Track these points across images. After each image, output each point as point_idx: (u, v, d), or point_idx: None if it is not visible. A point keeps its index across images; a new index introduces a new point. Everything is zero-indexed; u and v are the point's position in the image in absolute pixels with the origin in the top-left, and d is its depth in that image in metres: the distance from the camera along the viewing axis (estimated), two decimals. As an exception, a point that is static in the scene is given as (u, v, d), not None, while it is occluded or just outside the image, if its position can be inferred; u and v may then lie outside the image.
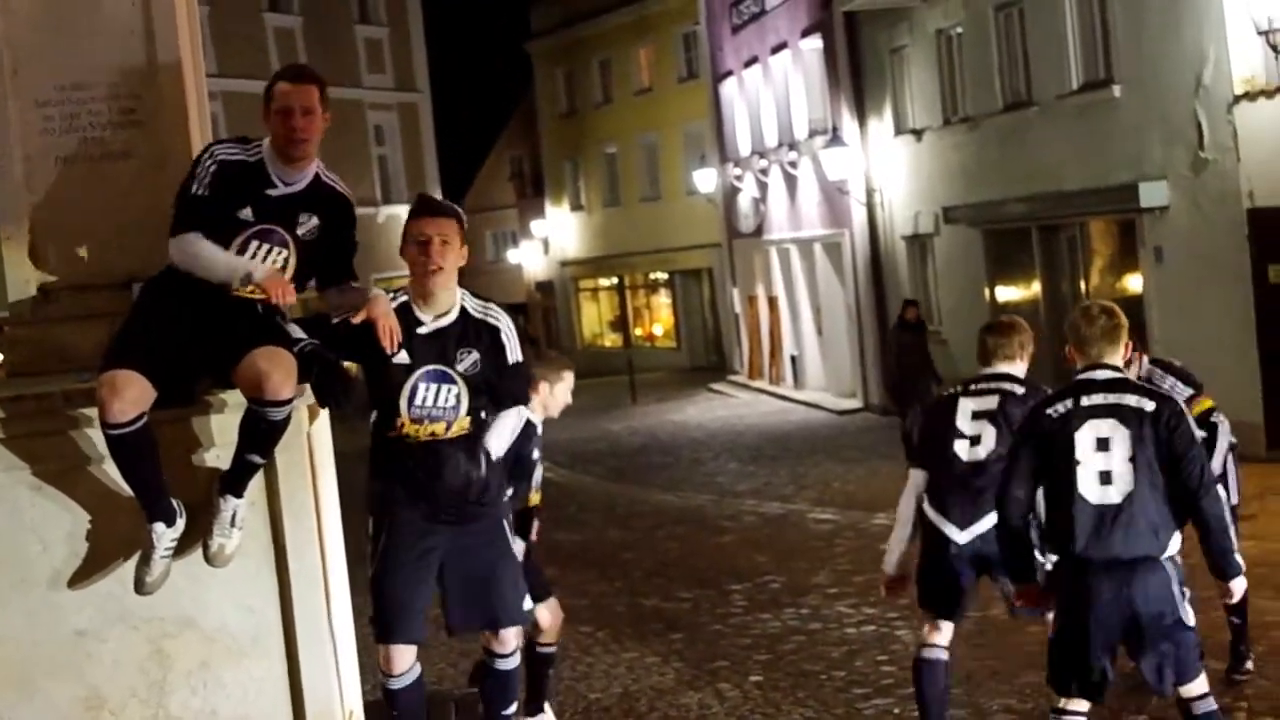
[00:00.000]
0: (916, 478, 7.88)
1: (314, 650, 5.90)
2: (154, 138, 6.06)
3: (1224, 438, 8.79)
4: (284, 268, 5.67)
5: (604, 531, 16.97)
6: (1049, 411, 6.39)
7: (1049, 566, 6.71)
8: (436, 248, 6.14)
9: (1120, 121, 19.91)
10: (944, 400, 8.04)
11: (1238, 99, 17.40)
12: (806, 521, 16.56)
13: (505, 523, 6.60)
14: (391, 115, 40.16)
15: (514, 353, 6.39)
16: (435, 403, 6.20)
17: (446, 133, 44.97)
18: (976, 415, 7.72)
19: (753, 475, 21.33)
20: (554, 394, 8.24)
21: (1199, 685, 6.41)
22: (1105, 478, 6.23)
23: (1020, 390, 7.69)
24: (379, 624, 6.37)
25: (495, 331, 6.35)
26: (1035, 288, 23.30)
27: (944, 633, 7.76)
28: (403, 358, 6.14)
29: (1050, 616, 6.87)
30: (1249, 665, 9.05)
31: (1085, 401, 6.33)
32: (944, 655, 7.75)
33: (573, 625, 11.19)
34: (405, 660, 6.38)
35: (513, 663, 6.73)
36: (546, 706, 8.63)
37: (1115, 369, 6.48)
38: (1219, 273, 18.07)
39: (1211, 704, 6.43)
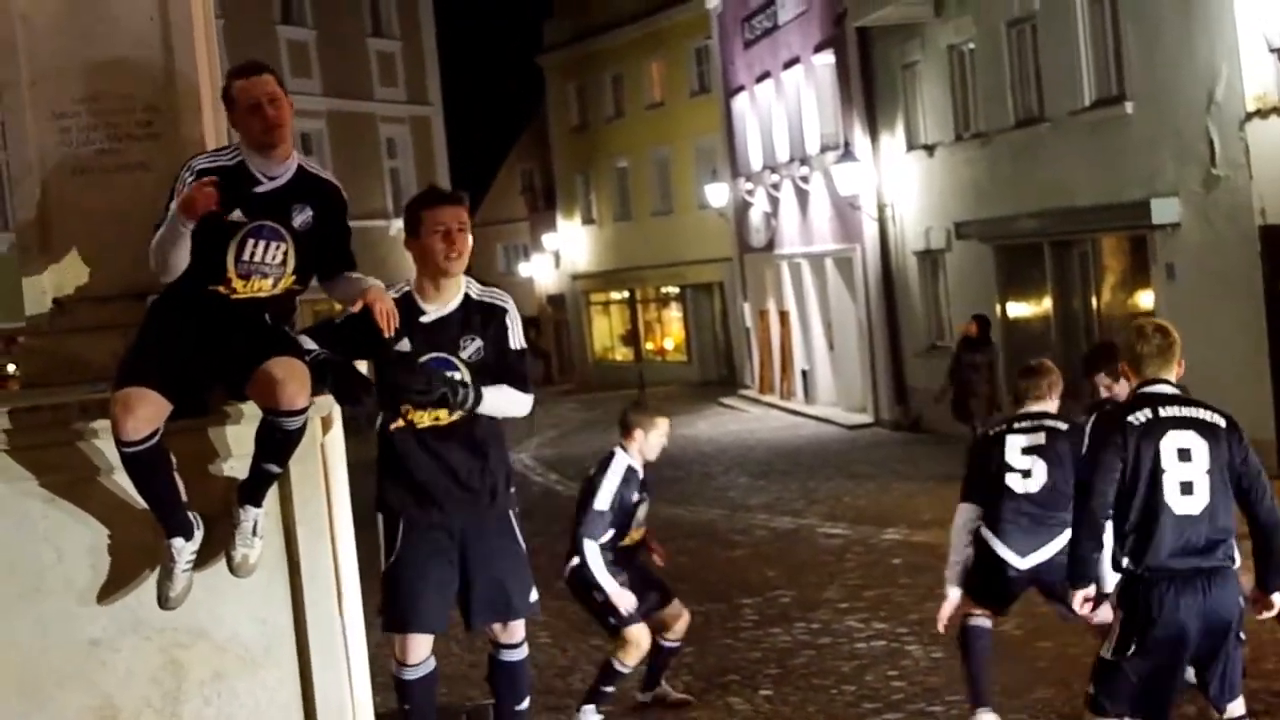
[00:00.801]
0: (969, 513, 8.25)
1: (327, 661, 5.91)
2: (171, 150, 6.07)
3: None
4: (284, 261, 5.68)
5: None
6: (1130, 419, 6.41)
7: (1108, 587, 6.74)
8: (459, 235, 6.26)
9: (1132, 138, 19.91)
10: (990, 438, 8.55)
11: (1250, 116, 17.39)
12: (817, 536, 16.56)
13: (512, 516, 6.64)
14: (404, 128, 40.22)
15: (517, 339, 6.46)
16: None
17: (458, 146, 45.02)
18: (1026, 450, 8.29)
19: (763, 490, 21.32)
20: (649, 441, 9.35)
21: (1240, 705, 6.45)
22: (1187, 488, 6.30)
23: (1064, 426, 8.30)
24: (395, 614, 6.44)
25: (502, 314, 6.43)
26: (1047, 304, 23.29)
27: (988, 616, 8.41)
28: (404, 346, 6.20)
29: (1097, 621, 7.11)
30: None
31: (1163, 412, 6.39)
32: (989, 624, 8.40)
33: (584, 637, 11.22)
34: (421, 650, 6.46)
35: (520, 653, 6.77)
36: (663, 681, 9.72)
37: (1173, 385, 6.56)
38: (1231, 289, 18.05)
39: None
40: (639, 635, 9.16)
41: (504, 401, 6.44)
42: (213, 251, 5.56)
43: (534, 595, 6.71)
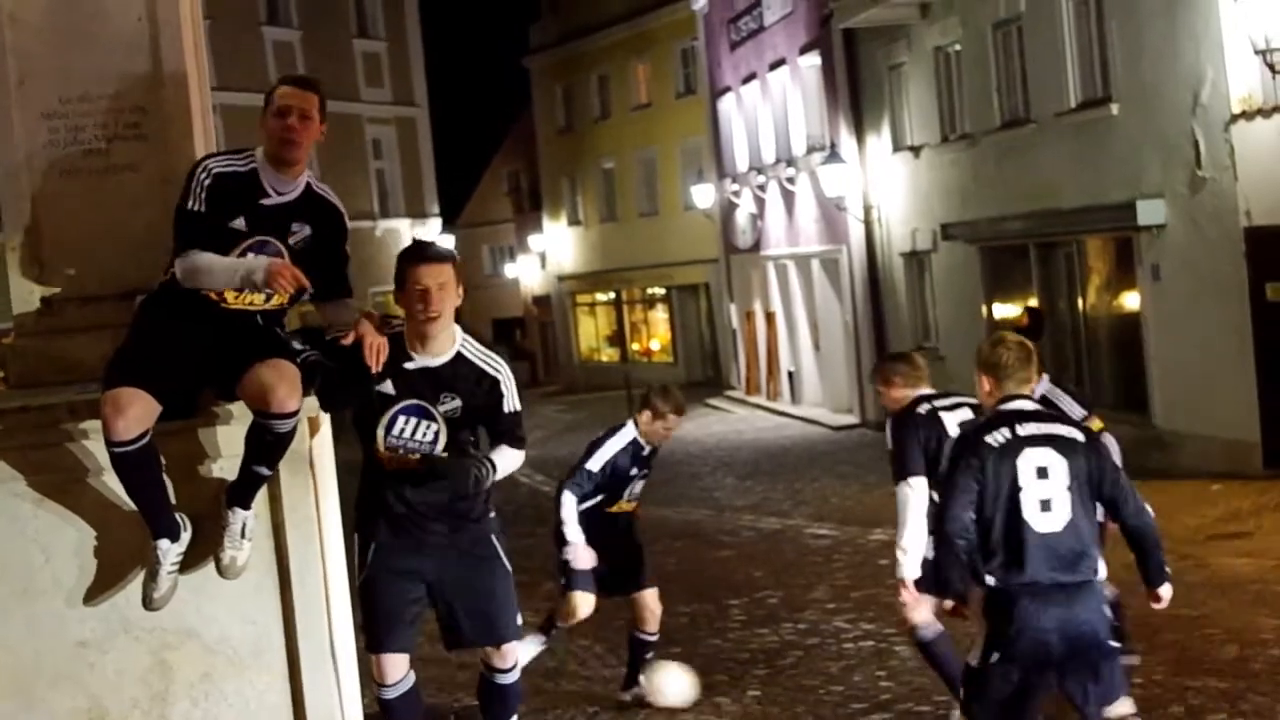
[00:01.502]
0: (922, 486, 8.08)
1: (315, 662, 5.92)
2: (159, 151, 6.08)
3: (1115, 457, 8.94)
4: None
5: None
6: (989, 440, 6.42)
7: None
8: (434, 295, 6.11)
9: (1118, 139, 19.96)
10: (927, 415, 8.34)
11: (1235, 118, 17.44)
12: (804, 537, 16.57)
13: (494, 539, 6.58)
14: (389, 129, 40.22)
15: (512, 403, 6.40)
16: (413, 436, 6.22)
17: (444, 147, 45.02)
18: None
19: (750, 490, 21.34)
20: (652, 425, 9.31)
21: (1126, 704, 6.50)
22: (1046, 505, 6.32)
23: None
24: (368, 634, 6.41)
25: (495, 382, 6.35)
26: (1032, 305, 23.32)
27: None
28: (387, 388, 6.16)
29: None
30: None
31: (1021, 431, 6.41)
32: (939, 625, 8.28)
33: (571, 638, 11.20)
34: (397, 669, 6.41)
35: (512, 677, 6.74)
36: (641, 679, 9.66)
37: (1030, 399, 6.60)
38: (1216, 291, 18.11)
39: None
40: (580, 602, 9.35)
41: (508, 463, 6.48)
42: None
43: (519, 619, 6.68)
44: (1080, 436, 6.45)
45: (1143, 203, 19.23)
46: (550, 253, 53.33)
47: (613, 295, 51.75)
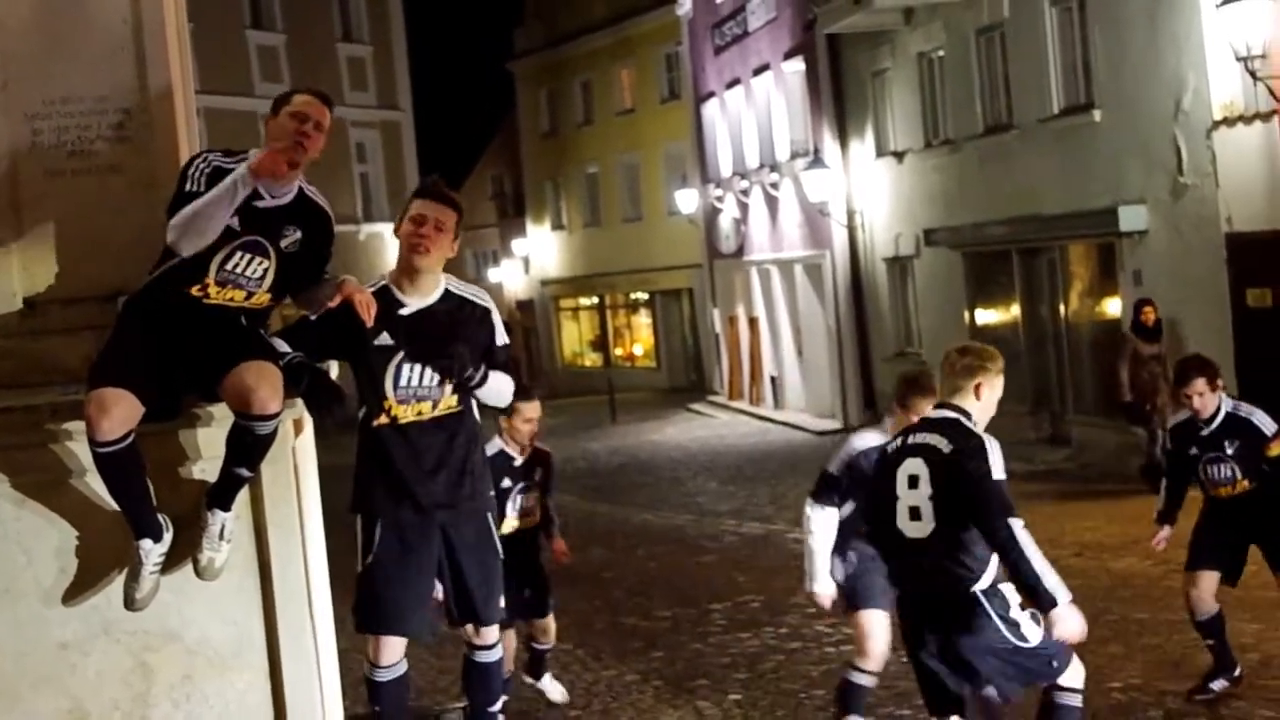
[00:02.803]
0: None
1: (297, 663, 5.92)
2: (143, 153, 6.08)
3: None
4: (263, 277, 5.70)
5: (584, 550, 16.93)
6: (888, 447, 6.70)
7: None
8: (429, 228, 6.26)
9: (1100, 146, 20.04)
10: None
11: (1216, 124, 17.53)
12: (786, 542, 16.57)
13: (490, 519, 6.67)
14: (373, 133, 40.21)
15: (500, 335, 6.55)
16: (421, 382, 6.31)
17: (428, 151, 45.05)
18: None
19: (732, 495, 21.36)
20: (515, 426, 8.89)
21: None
22: (915, 513, 6.41)
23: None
24: (368, 614, 6.46)
25: (486, 312, 6.49)
26: (1015, 310, 23.42)
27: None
28: (385, 339, 6.23)
29: None
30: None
31: (911, 440, 6.53)
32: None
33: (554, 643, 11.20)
34: (394, 652, 6.49)
35: (494, 655, 6.86)
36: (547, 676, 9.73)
37: (956, 409, 6.52)
38: (1197, 296, 18.18)
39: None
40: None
41: (500, 385, 6.55)
42: (200, 254, 5.56)
43: (501, 601, 6.77)
44: (946, 448, 6.37)
45: (1125, 209, 19.31)
46: (534, 257, 53.36)
47: (596, 300, 51.79)
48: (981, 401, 6.54)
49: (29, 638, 5.74)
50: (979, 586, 6.36)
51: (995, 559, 6.29)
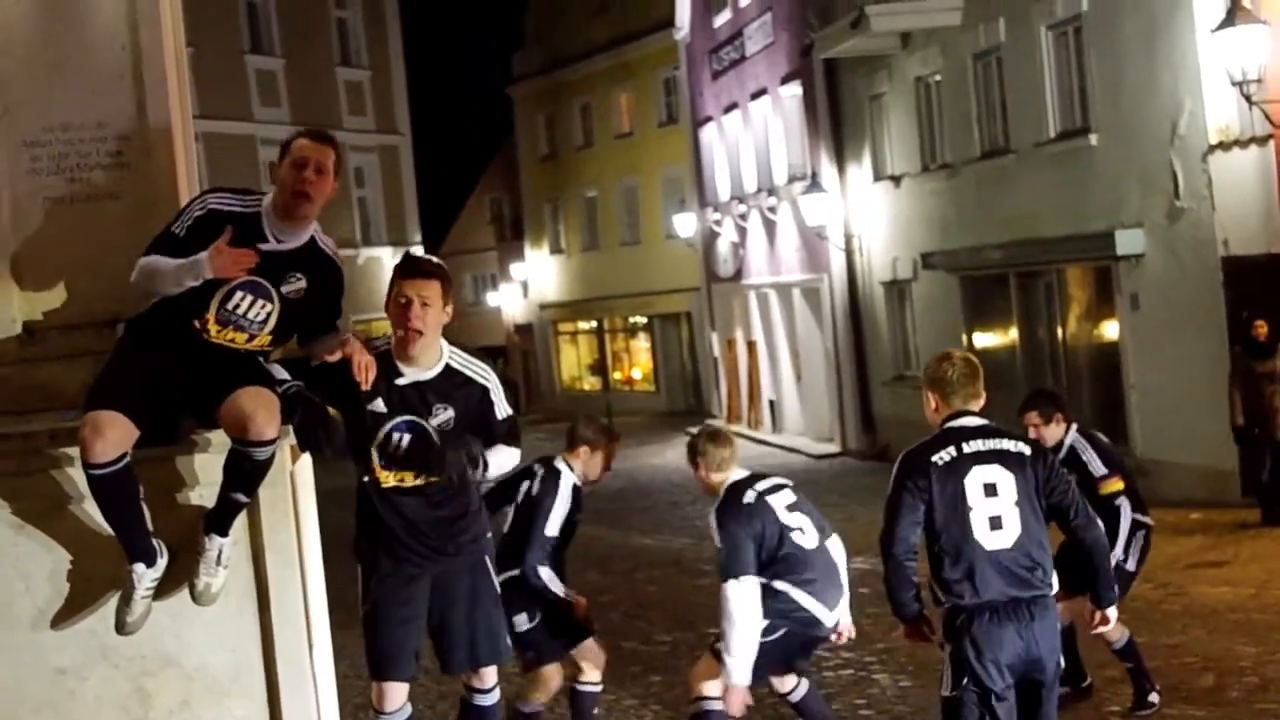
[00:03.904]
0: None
1: (295, 689, 5.91)
2: (142, 180, 6.09)
3: (1125, 525, 9.00)
4: (265, 321, 5.69)
5: (583, 574, 16.86)
6: (934, 459, 6.40)
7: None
8: (416, 310, 6.20)
9: (1097, 170, 20.08)
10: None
11: (1213, 148, 17.58)
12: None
13: (488, 561, 6.67)
14: (372, 157, 40.29)
15: (502, 409, 6.50)
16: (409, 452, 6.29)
17: (427, 175, 45.12)
18: (790, 508, 8.30)
19: (731, 519, 21.30)
20: (594, 460, 8.61)
21: None
22: (996, 523, 6.32)
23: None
24: (373, 661, 6.47)
25: (484, 390, 6.44)
26: (1012, 334, 23.43)
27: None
28: (379, 406, 6.23)
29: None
30: (1153, 698, 9.22)
31: (967, 448, 6.39)
32: None
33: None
34: (398, 698, 6.51)
35: (492, 698, 6.81)
36: None
37: (976, 415, 6.54)
38: (1194, 319, 18.21)
39: None
40: (555, 675, 8.84)
41: (502, 460, 6.55)
42: (201, 291, 5.56)
43: (506, 642, 6.75)
44: (1027, 450, 6.43)
45: (1121, 232, 19.35)
46: (532, 281, 53.39)
47: (595, 324, 51.80)
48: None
49: (27, 663, 5.73)
50: (1053, 591, 6.44)
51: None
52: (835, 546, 8.20)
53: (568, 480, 8.50)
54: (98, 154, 6.09)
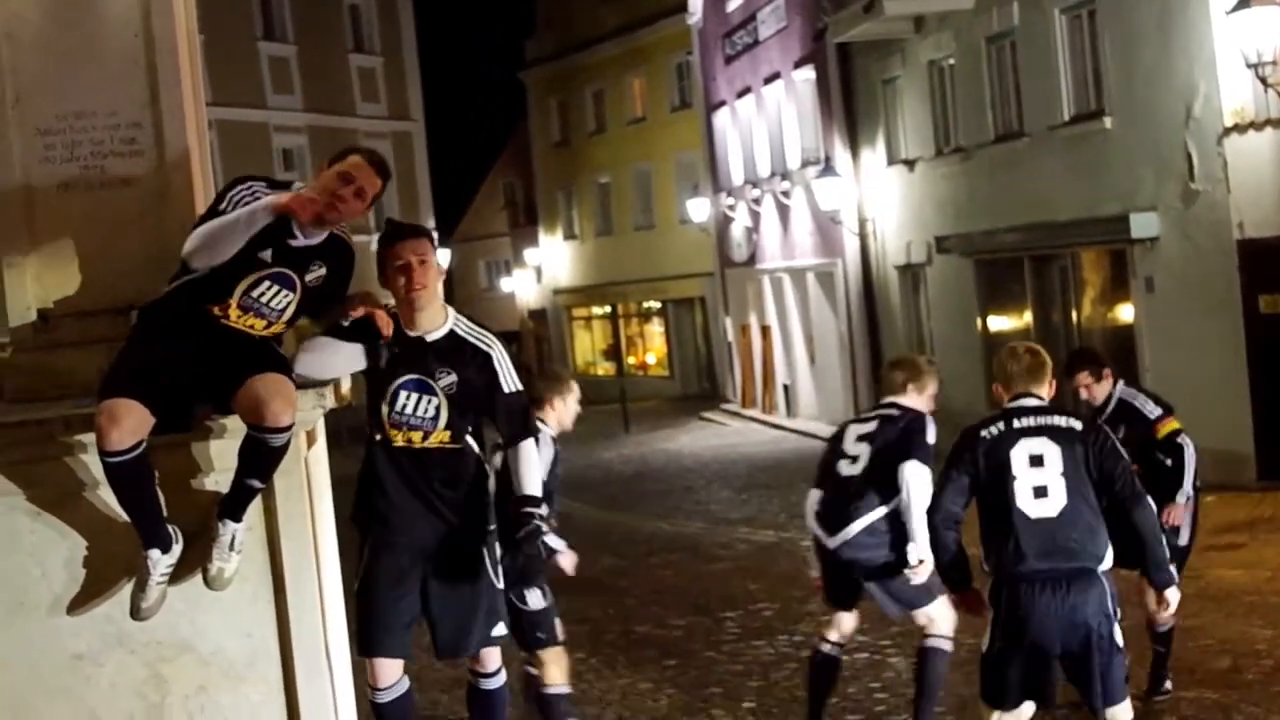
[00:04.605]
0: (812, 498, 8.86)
1: (311, 674, 5.92)
2: (155, 166, 6.09)
3: (1190, 460, 9.08)
4: (285, 309, 5.76)
5: (598, 559, 16.95)
6: (983, 434, 6.67)
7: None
8: (417, 269, 6.23)
9: (1111, 153, 20.02)
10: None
11: (1228, 131, 17.52)
12: (799, 549, 16.50)
13: (486, 551, 6.61)
14: (385, 144, 40.20)
15: (509, 382, 6.42)
16: (415, 411, 6.28)
17: (440, 161, 45.19)
18: (860, 438, 8.49)
19: (745, 503, 21.37)
20: (567, 407, 8.57)
21: (1126, 710, 6.58)
22: (1041, 492, 6.48)
23: (896, 413, 8.44)
24: (361, 638, 6.45)
25: (487, 358, 6.40)
26: (1027, 317, 23.39)
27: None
28: (384, 362, 6.25)
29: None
30: (1168, 685, 9.29)
31: (1017, 424, 6.62)
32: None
33: (567, 651, 11.22)
34: (391, 673, 6.44)
35: (496, 682, 6.77)
36: None
37: (1040, 399, 6.78)
38: (1210, 303, 18.16)
39: None
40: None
41: (533, 467, 6.56)
42: (227, 275, 5.60)
43: (501, 629, 6.70)
44: (1078, 425, 6.61)
45: (1136, 215, 19.29)
46: (546, 266, 53.42)
47: (609, 309, 51.82)
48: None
49: (43, 650, 5.75)
50: (1103, 567, 6.56)
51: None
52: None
53: (546, 433, 8.30)
54: (111, 141, 6.09)
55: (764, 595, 13.82)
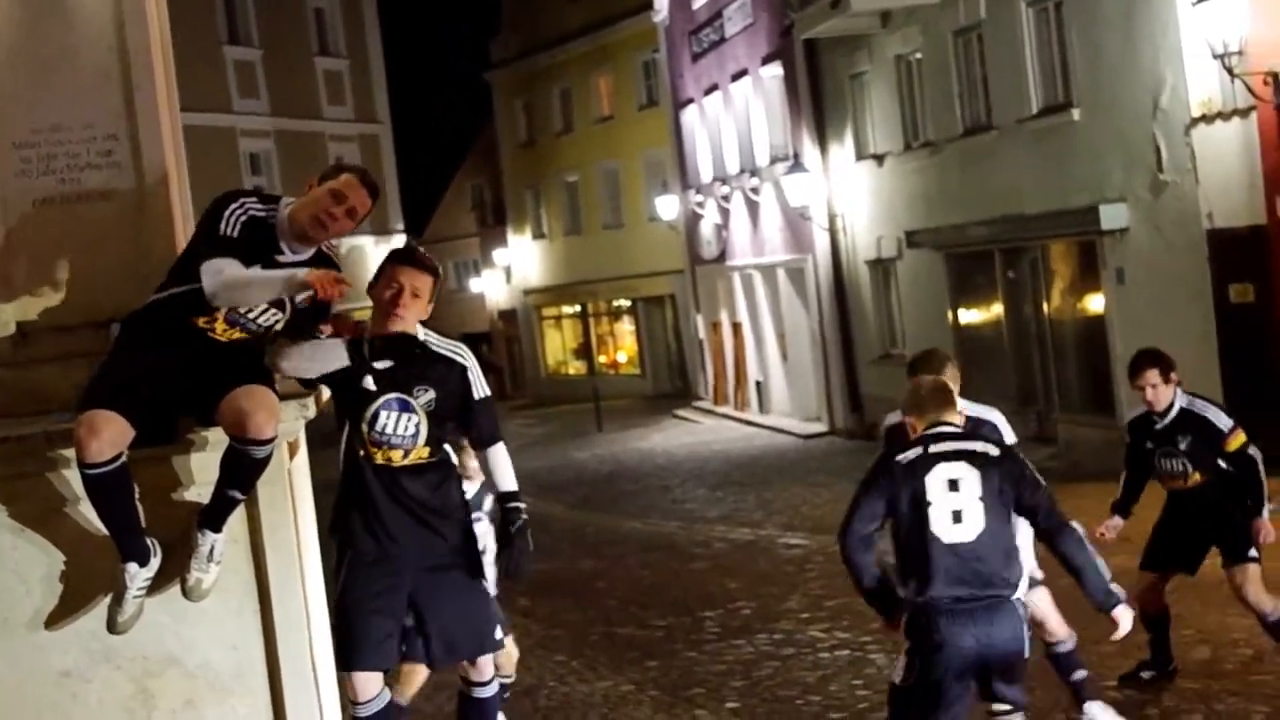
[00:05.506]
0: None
1: (298, 686, 5.91)
2: (132, 178, 6.07)
3: (1262, 467, 8.97)
4: (272, 326, 5.77)
5: (575, 560, 16.99)
6: (899, 458, 6.58)
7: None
8: (406, 299, 6.23)
9: (1080, 145, 20.10)
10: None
11: (1195, 122, 17.60)
12: (776, 547, 16.63)
13: (470, 547, 6.60)
14: (352, 146, 40.17)
15: (480, 389, 6.47)
16: (395, 430, 6.27)
17: (407, 163, 45.08)
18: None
19: (721, 501, 21.39)
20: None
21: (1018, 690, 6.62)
22: (957, 517, 6.43)
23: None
24: (341, 651, 6.42)
25: (463, 370, 6.42)
26: (998, 310, 23.47)
27: None
28: (369, 384, 6.23)
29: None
30: (1145, 675, 9.38)
31: (934, 449, 6.55)
32: None
33: (548, 654, 11.25)
34: (371, 687, 6.40)
35: (491, 690, 6.77)
36: None
37: (955, 425, 6.73)
38: (1180, 293, 18.25)
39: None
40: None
41: (506, 468, 6.60)
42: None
43: (499, 633, 6.73)
44: (994, 450, 6.57)
45: (1105, 207, 19.38)
46: (515, 266, 53.36)
47: (579, 308, 51.79)
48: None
49: (29, 667, 5.73)
50: (1017, 594, 6.52)
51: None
52: None
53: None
54: (87, 154, 6.07)
55: (743, 594, 13.84)
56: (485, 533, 8.36)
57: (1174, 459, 9.05)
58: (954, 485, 6.43)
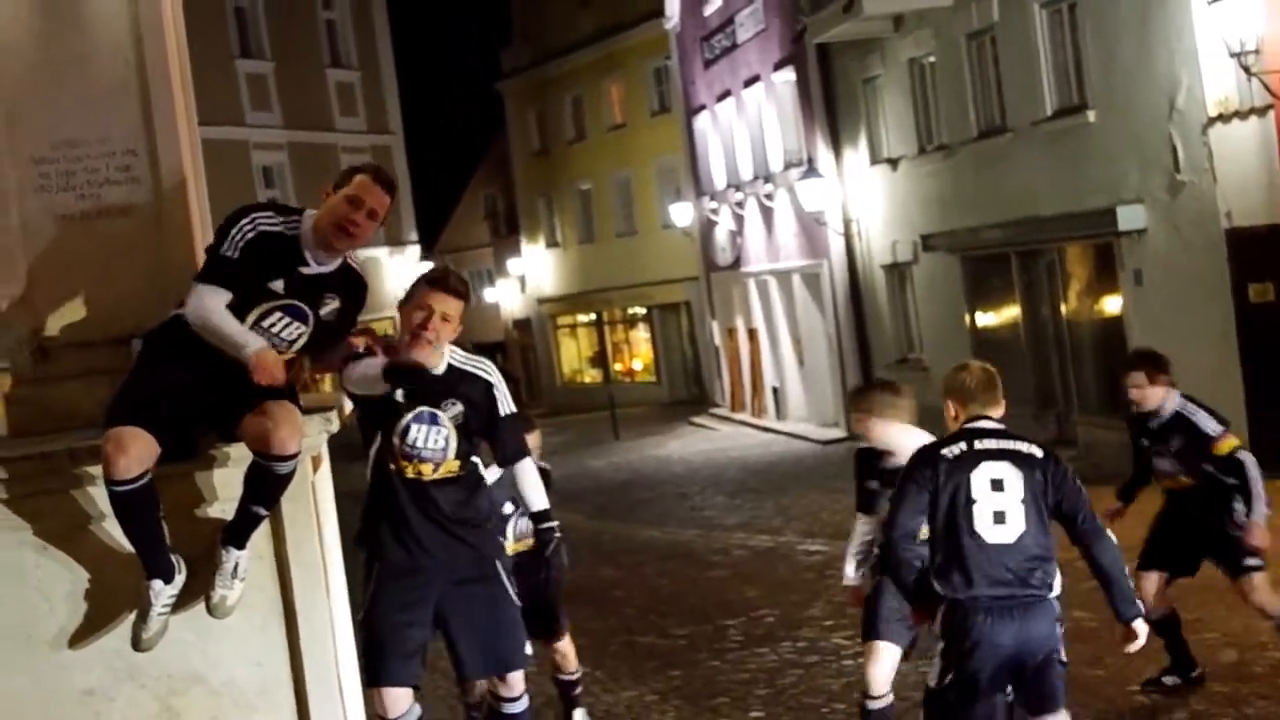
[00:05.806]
0: None
1: (322, 701, 5.89)
2: (151, 193, 6.06)
3: (1257, 476, 8.91)
4: (296, 340, 5.76)
5: (594, 569, 16.92)
6: (944, 452, 6.48)
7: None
8: (435, 323, 6.27)
9: (1095, 146, 20.02)
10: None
11: (1212, 121, 17.52)
12: (796, 554, 16.56)
13: (501, 566, 6.62)
14: (365, 158, 40.06)
15: (506, 405, 6.53)
16: (426, 444, 6.31)
17: (420, 173, 45.07)
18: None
19: (739, 508, 21.32)
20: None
21: (1063, 716, 6.51)
22: (1000, 517, 6.36)
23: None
24: (368, 667, 6.40)
25: (488, 386, 6.47)
26: (1015, 313, 23.38)
27: None
28: (399, 395, 6.23)
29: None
30: (1168, 680, 9.32)
31: (979, 446, 6.46)
32: None
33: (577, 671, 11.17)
34: (401, 703, 6.39)
35: (521, 705, 6.74)
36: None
37: (997, 421, 6.61)
38: (1199, 293, 18.16)
39: None
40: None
41: (535, 484, 6.73)
42: (238, 306, 5.58)
43: (528, 648, 6.71)
44: (1039, 453, 6.48)
45: (1122, 208, 19.29)
46: (529, 276, 53.35)
47: (593, 316, 51.75)
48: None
49: (52, 686, 5.71)
50: (1054, 594, 6.44)
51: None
52: None
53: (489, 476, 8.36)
54: (106, 169, 6.06)
55: (764, 601, 13.77)
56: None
57: (1165, 459, 9.16)
58: (998, 485, 6.36)
